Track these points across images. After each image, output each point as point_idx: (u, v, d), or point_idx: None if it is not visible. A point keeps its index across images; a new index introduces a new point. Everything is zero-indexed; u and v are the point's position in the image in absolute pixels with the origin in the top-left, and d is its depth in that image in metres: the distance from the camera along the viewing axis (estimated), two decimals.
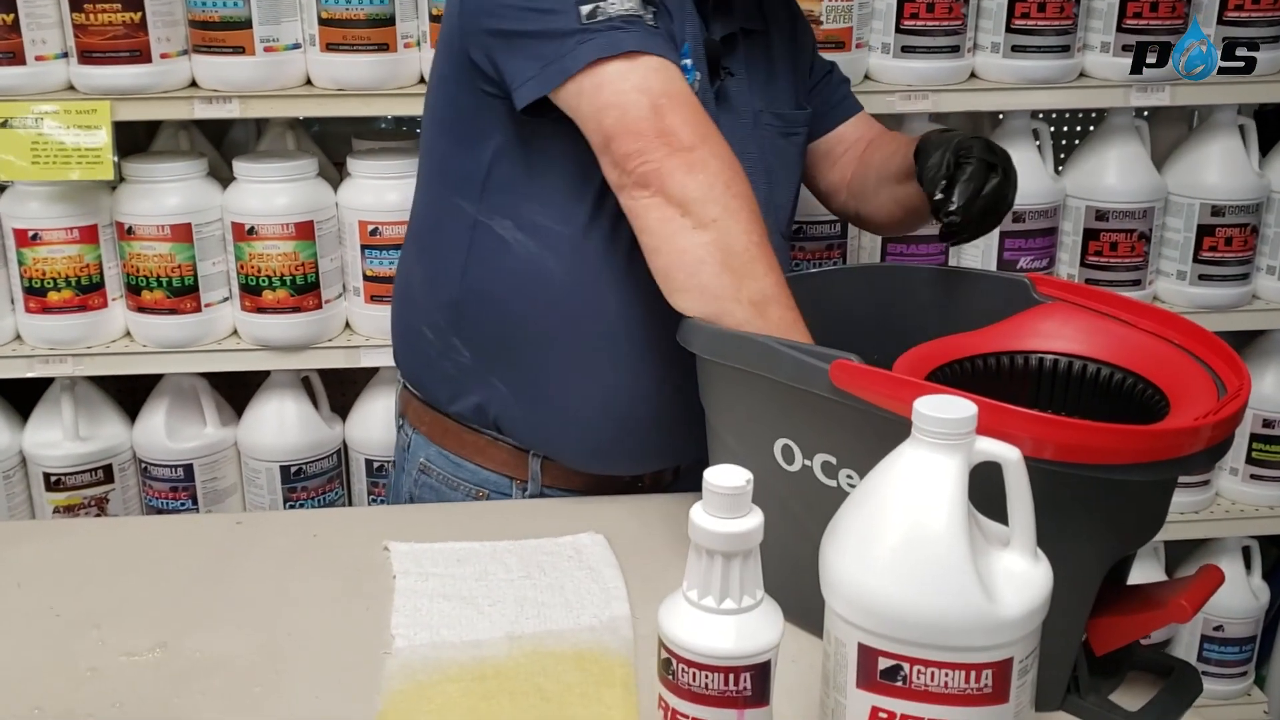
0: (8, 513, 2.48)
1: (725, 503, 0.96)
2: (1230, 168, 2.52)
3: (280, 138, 2.59)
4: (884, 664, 0.96)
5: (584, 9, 1.40)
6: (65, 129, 2.25)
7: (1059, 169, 2.63)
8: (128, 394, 2.64)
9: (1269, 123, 2.65)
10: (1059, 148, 2.85)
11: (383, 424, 2.54)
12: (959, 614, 0.94)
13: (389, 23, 2.27)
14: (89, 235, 2.36)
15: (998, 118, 2.58)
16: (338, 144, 2.68)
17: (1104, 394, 1.32)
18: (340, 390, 2.72)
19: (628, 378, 1.61)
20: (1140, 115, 2.58)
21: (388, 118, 2.82)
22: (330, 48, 2.28)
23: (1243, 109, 2.56)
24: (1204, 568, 1.23)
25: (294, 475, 2.52)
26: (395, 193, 2.35)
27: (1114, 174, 2.52)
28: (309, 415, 2.55)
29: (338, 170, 2.55)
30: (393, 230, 2.35)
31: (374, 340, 2.43)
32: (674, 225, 1.37)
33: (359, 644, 1.31)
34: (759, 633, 0.97)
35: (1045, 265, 2.54)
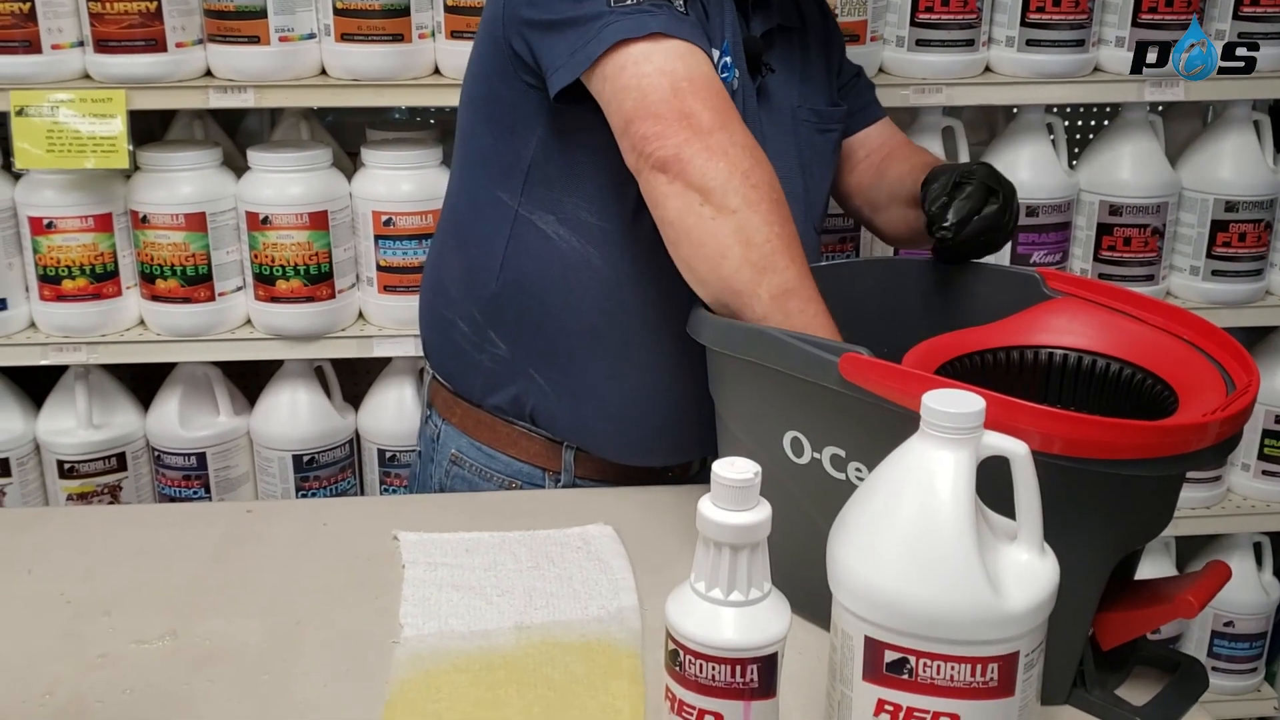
0: (21, 500, 2.50)
1: (733, 495, 0.96)
2: (1244, 163, 2.52)
3: (294, 127, 2.60)
4: (890, 657, 0.96)
5: None
6: (81, 117, 2.25)
7: (1073, 163, 2.63)
8: (141, 382, 2.66)
9: None
10: (1073, 142, 2.84)
11: (395, 414, 2.55)
12: (965, 607, 0.94)
13: (404, 13, 2.28)
14: (104, 224, 2.37)
15: (1012, 111, 2.58)
16: (352, 134, 2.69)
17: (1113, 389, 1.32)
18: (353, 380, 2.73)
19: (669, 372, 1.61)
20: (1154, 110, 2.58)
21: (402, 108, 2.83)
22: (345, 38, 2.28)
23: (1257, 104, 2.56)
24: (1211, 563, 1.23)
25: (306, 464, 2.53)
26: (409, 183, 2.36)
27: (1128, 169, 2.52)
28: (322, 405, 2.56)
29: (352, 160, 2.56)
30: (406, 221, 2.36)
31: (387, 330, 2.44)
32: (693, 216, 1.35)
33: (367, 633, 1.32)
34: (766, 625, 0.97)
35: (1059, 260, 2.53)
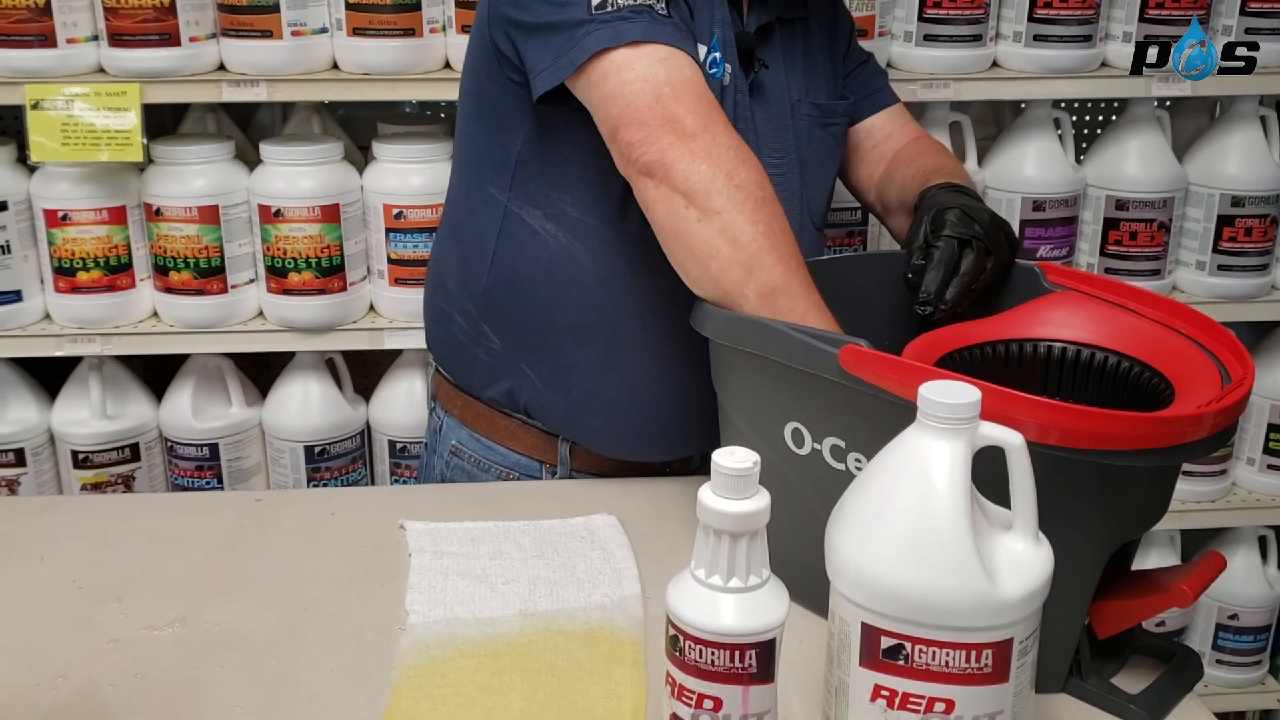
0: (36, 489, 2.52)
1: (732, 483, 0.97)
2: (1251, 158, 2.53)
3: (306, 121, 2.61)
4: (886, 643, 0.98)
5: (594, 0, 1.41)
6: (95, 111, 2.27)
7: (1080, 158, 2.63)
8: (154, 373, 2.67)
9: None
10: (1080, 137, 2.85)
11: (406, 405, 2.57)
12: (960, 594, 0.95)
13: (415, 8, 2.29)
14: (117, 216, 2.39)
15: (1019, 106, 2.59)
16: (363, 128, 2.70)
17: (1111, 382, 1.33)
18: (364, 372, 2.74)
19: (656, 368, 1.62)
20: (1161, 105, 2.58)
21: (413, 102, 2.85)
22: (357, 32, 2.30)
23: (1264, 100, 2.56)
24: (1206, 553, 1.24)
25: (317, 455, 2.55)
26: (420, 177, 2.38)
27: (1134, 164, 2.52)
28: (333, 396, 2.58)
29: (363, 154, 2.57)
30: (417, 214, 2.37)
31: (398, 323, 2.45)
32: (681, 219, 1.37)
33: (374, 620, 1.33)
34: (764, 611, 0.99)
35: (1065, 254, 2.54)
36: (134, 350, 2.46)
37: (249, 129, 2.75)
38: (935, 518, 0.96)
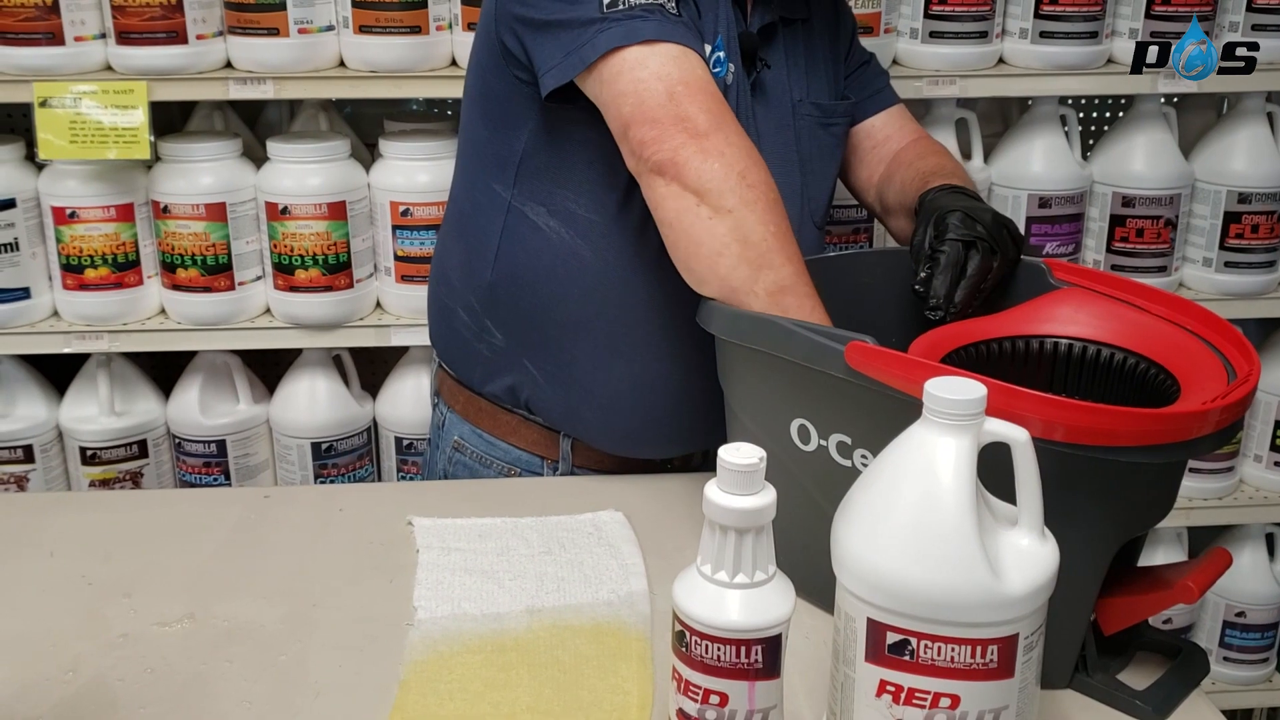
0: (45, 486, 2.52)
1: (738, 479, 0.98)
2: (1258, 155, 2.52)
3: (313, 119, 2.61)
4: (892, 639, 0.98)
5: None
6: (103, 109, 2.28)
7: (1086, 155, 2.63)
8: (162, 370, 2.68)
9: None
10: (1086, 134, 2.85)
11: (412, 402, 2.57)
12: (965, 590, 0.95)
13: (421, 5, 2.29)
14: (125, 213, 2.39)
15: (1026, 103, 2.59)
16: (370, 125, 2.70)
17: (1117, 378, 1.33)
18: (371, 369, 2.75)
19: (657, 364, 1.62)
20: (1168, 102, 2.58)
21: (419, 99, 2.85)
22: (363, 30, 2.30)
23: (1271, 96, 2.55)
24: (1213, 550, 1.24)
25: (325, 452, 2.55)
26: (426, 174, 2.38)
27: (1141, 160, 2.51)
28: (340, 393, 2.58)
29: (370, 151, 2.57)
30: (424, 211, 2.37)
31: (404, 319, 2.46)
32: (690, 216, 1.37)
33: (382, 615, 1.34)
34: (770, 607, 0.99)
35: (1071, 251, 2.54)
36: (142, 347, 2.46)
37: (256, 127, 2.76)
38: (941, 513, 0.96)
